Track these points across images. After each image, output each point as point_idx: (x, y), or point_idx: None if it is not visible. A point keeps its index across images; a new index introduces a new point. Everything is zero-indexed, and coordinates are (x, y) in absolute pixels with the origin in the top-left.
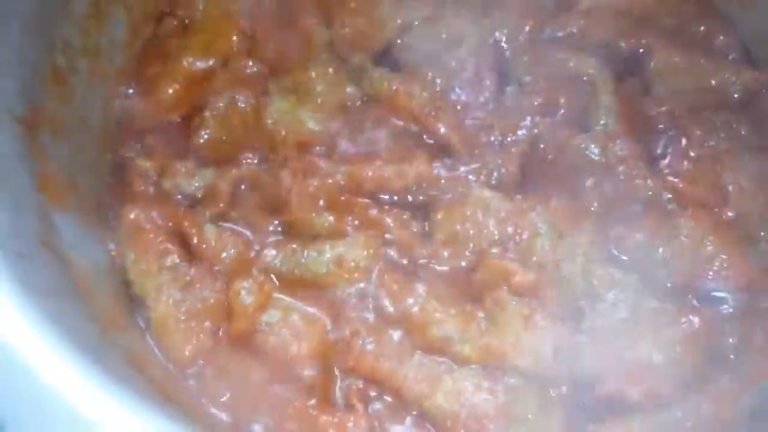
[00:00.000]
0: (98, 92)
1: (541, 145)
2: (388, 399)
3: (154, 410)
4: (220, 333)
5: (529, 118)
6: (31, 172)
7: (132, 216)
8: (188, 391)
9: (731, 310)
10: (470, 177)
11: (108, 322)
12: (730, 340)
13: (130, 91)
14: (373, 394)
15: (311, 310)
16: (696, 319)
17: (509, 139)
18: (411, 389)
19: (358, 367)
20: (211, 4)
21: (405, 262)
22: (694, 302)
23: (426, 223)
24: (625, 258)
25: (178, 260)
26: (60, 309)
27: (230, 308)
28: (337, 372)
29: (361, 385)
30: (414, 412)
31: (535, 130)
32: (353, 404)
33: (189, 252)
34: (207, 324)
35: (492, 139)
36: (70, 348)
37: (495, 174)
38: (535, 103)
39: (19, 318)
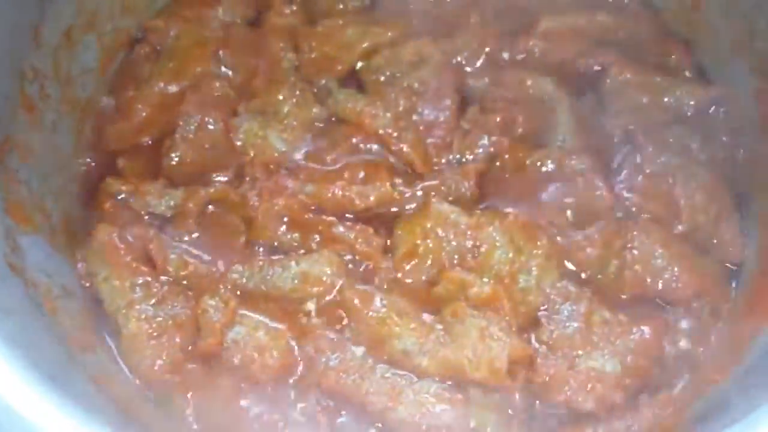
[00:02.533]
0: (69, 118)
1: (497, 163)
2: (352, 412)
3: (115, 428)
4: (190, 348)
5: (487, 137)
6: None
7: (104, 236)
8: (154, 408)
9: (682, 320)
10: (431, 193)
11: (75, 342)
12: (680, 349)
13: (102, 114)
14: (336, 407)
15: (276, 325)
16: (647, 329)
17: (468, 157)
18: (374, 403)
19: (322, 383)
20: (183, 30)
21: (367, 277)
22: (646, 313)
23: (388, 239)
24: (579, 270)
25: (149, 278)
26: (23, 328)
27: (198, 325)
28: (301, 386)
29: (325, 400)
30: (378, 425)
31: (492, 149)
32: (317, 418)
33: (157, 269)
34: (177, 340)
35: (451, 157)
36: (30, 367)
37: (454, 190)
38: (494, 121)
39: None
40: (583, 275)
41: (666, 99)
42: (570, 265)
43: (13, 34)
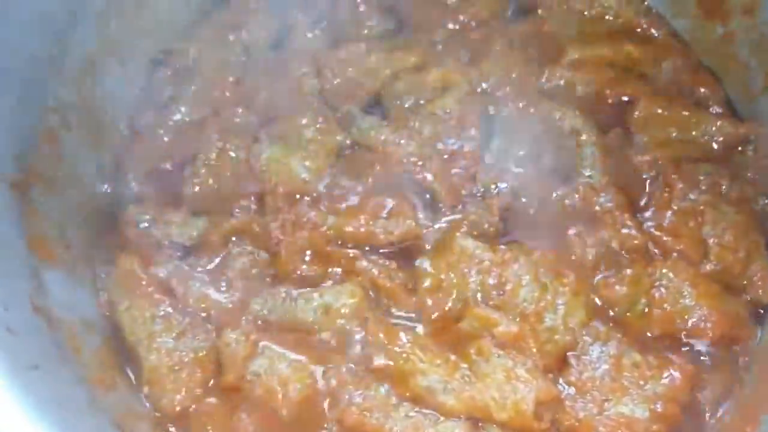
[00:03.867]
0: (90, 146)
1: (523, 199)
2: None
3: None
4: (211, 383)
5: (512, 170)
6: (22, 233)
7: (126, 265)
8: None
9: (710, 363)
10: (454, 227)
11: (96, 381)
12: (708, 396)
13: (123, 141)
14: None
15: (299, 357)
16: (677, 375)
17: (492, 190)
18: None
19: (344, 419)
20: (205, 54)
21: (390, 311)
22: (675, 356)
23: (411, 272)
24: (607, 308)
25: (170, 309)
26: (47, 382)
27: (219, 359)
28: (324, 424)
29: None
30: None
31: (517, 182)
32: None
33: (179, 301)
34: (198, 374)
35: (474, 191)
36: (57, 425)
37: (477, 224)
38: (520, 154)
39: (4, 401)
40: (611, 313)
41: (694, 134)
42: (598, 303)
43: (34, 65)
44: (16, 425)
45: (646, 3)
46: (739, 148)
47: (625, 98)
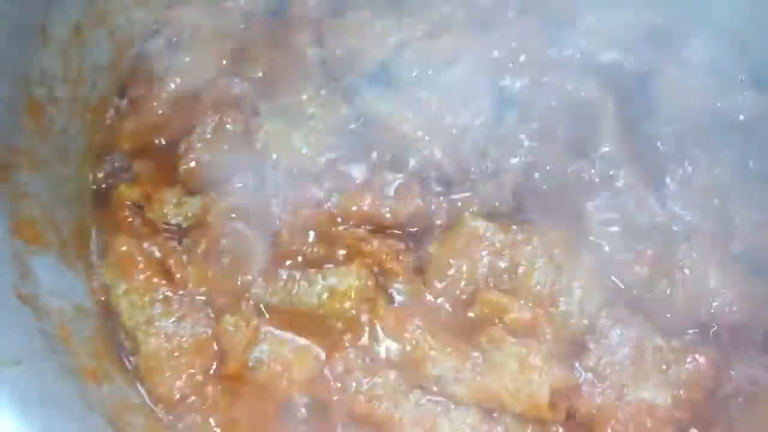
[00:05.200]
0: (79, 120)
1: (536, 174)
2: None
3: None
4: (211, 371)
5: (525, 144)
6: (4, 217)
7: (123, 248)
8: None
9: (736, 348)
10: (463, 206)
11: (88, 372)
12: (733, 382)
13: (114, 115)
14: None
15: (304, 341)
16: (702, 359)
17: (504, 167)
18: None
19: (353, 409)
20: (201, 22)
21: (398, 295)
22: (699, 340)
23: (419, 254)
24: (626, 290)
25: (169, 293)
26: (31, 379)
27: (220, 345)
28: (332, 411)
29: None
30: None
31: (530, 158)
32: None
33: (177, 284)
34: (198, 360)
35: (485, 167)
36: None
37: (488, 202)
38: (533, 127)
39: None
40: (627, 295)
41: (719, 105)
42: (617, 285)
43: (18, 34)
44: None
45: None
46: (765, 121)
47: (646, 68)
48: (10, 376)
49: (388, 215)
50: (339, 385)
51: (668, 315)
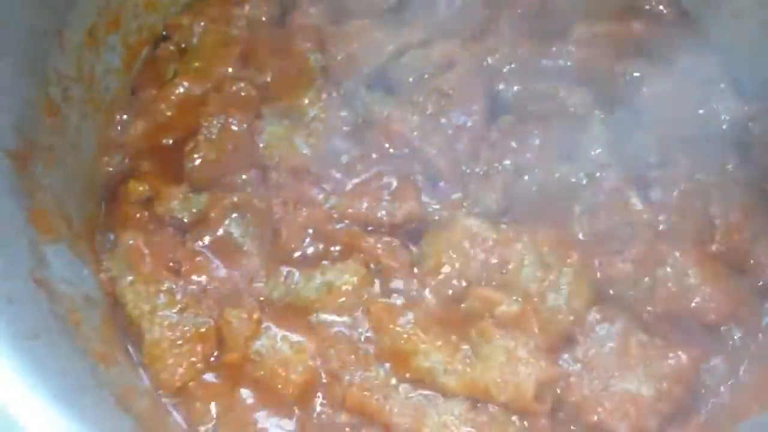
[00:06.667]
0: (92, 119)
1: (527, 177)
2: None
3: None
4: (212, 359)
5: (516, 147)
6: (22, 207)
7: (130, 241)
8: (175, 422)
9: (715, 344)
10: (457, 205)
11: (98, 355)
12: (714, 376)
13: (124, 116)
14: (360, 426)
15: (300, 339)
16: (683, 356)
17: (496, 167)
18: (399, 424)
19: (347, 400)
20: (208, 28)
21: (392, 290)
22: (681, 336)
23: (414, 250)
24: (610, 287)
25: (174, 285)
26: (48, 353)
27: (222, 337)
28: (324, 404)
29: (348, 419)
30: None
31: (521, 160)
32: None
33: (181, 276)
34: (199, 349)
35: (478, 169)
36: (57, 396)
37: (480, 202)
38: (525, 131)
39: (6, 370)
40: (612, 292)
41: (702, 112)
42: (602, 282)
43: (35, 37)
44: (18, 394)
45: None
46: (749, 125)
47: (633, 75)
48: (30, 347)
49: (384, 218)
50: (332, 378)
51: (651, 310)
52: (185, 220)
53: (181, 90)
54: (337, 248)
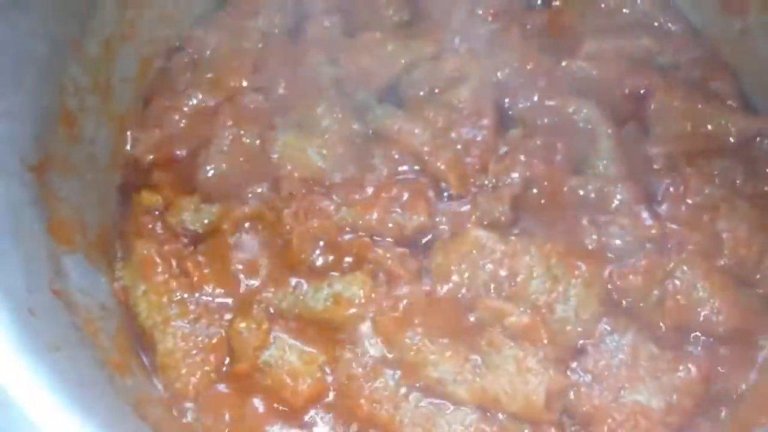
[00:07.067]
0: (106, 129)
1: (535, 189)
2: None
3: None
4: (224, 369)
5: (524, 161)
6: (41, 218)
7: (144, 252)
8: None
9: (724, 357)
10: (466, 217)
11: (114, 364)
12: (723, 389)
13: (138, 126)
14: None
15: (310, 349)
16: (693, 369)
17: (505, 180)
18: None
19: (355, 411)
20: (221, 40)
21: (401, 300)
22: (691, 349)
23: (423, 261)
24: (619, 299)
25: (185, 295)
26: (69, 364)
27: (232, 347)
28: (334, 415)
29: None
30: None
31: (529, 173)
32: None
33: (193, 287)
34: (211, 359)
35: (486, 182)
36: (79, 405)
37: (488, 214)
38: (533, 144)
39: (28, 379)
40: (624, 304)
41: (710, 127)
42: (611, 294)
43: (54, 48)
44: (41, 404)
45: None
46: (757, 140)
47: (641, 91)
48: (52, 360)
49: (394, 230)
50: (341, 388)
51: (659, 323)
52: (198, 231)
53: (194, 101)
54: (348, 259)
